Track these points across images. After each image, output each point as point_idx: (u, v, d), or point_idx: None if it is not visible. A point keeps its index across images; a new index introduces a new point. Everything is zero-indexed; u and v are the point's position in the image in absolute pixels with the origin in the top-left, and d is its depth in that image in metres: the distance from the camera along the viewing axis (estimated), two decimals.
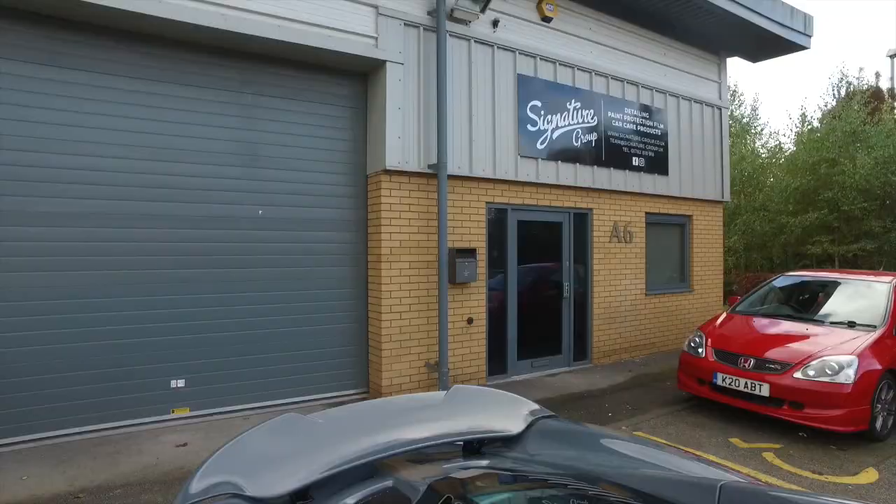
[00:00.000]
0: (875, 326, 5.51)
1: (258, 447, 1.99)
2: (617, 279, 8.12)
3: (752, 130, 19.69)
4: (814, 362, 5.13)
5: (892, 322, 5.54)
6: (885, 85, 21.58)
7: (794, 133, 19.59)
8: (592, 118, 7.68)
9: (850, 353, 5.09)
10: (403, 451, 2.01)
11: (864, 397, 4.95)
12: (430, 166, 6.15)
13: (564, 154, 7.36)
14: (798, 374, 5.13)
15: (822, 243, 15.78)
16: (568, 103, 7.41)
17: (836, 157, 15.51)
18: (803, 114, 20.52)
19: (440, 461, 2.08)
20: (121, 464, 4.38)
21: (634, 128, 8.24)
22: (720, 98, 9.76)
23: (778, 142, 19.74)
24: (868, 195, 14.84)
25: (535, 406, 2.49)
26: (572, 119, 7.45)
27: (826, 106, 18.99)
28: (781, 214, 16.56)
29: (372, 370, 6.18)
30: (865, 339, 5.32)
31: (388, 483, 1.90)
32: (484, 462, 2.06)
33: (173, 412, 5.38)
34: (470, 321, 6.51)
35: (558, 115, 7.31)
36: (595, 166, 7.72)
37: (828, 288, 6.59)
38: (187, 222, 5.37)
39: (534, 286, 7.37)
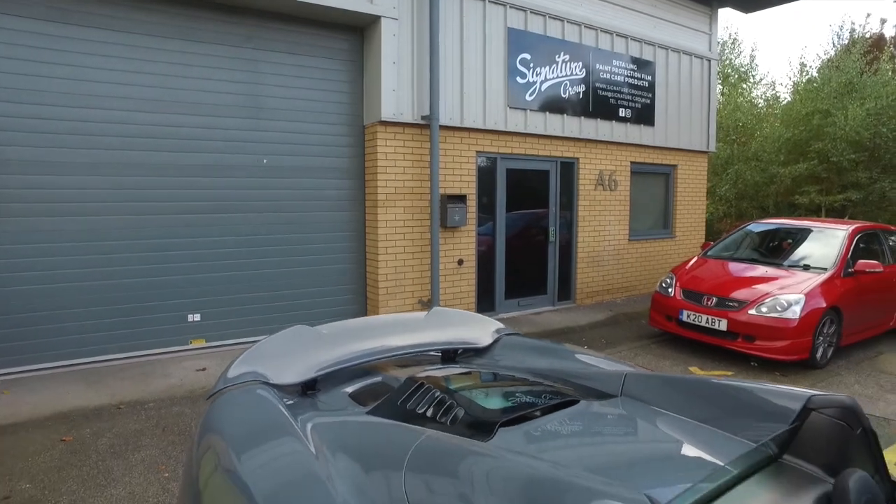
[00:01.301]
0: (826, 269, 6.05)
1: (276, 349, 2.53)
2: (601, 225, 8.62)
3: (751, 80, 19.72)
4: (767, 300, 5.70)
5: (842, 265, 6.08)
6: (889, 32, 21.42)
7: (791, 83, 19.63)
8: (581, 70, 7.99)
9: (799, 293, 5.65)
10: (391, 355, 2.57)
11: (807, 331, 5.54)
12: (423, 117, 6.54)
13: (552, 105, 7.72)
14: (752, 311, 5.71)
15: (810, 193, 16.16)
16: (557, 56, 7.71)
17: (830, 108, 15.71)
18: (802, 63, 20.48)
19: (421, 365, 2.64)
20: (150, 384, 5.00)
21: (622, 80, 8.54)
22: (710, 50, 9.98)
23: (775, 91, 19.79)
24: (857, 146, 15.13)
25: (502, 325, 3.04)
26: (561, 71, 7.76)
27: (826, 55, 18.96)
28: (772, 164, 16.88)
29: (369, 306, 6.77)
30: (815, 280, 5.87)
31: (378, 378, 2.47)
32: (457, 366, 2.62)
33: (191, 343, 5.99)
34: (460, 262, 7.05)
35: (547, 67, 7.62)
36: (582, 117, 8.08)
37: (793, 235, 7.10)
38: (197, 170, 5.82)
39: (521, 231, 7.87)
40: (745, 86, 19.50)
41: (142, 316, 5.67)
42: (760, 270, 6.36)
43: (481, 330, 2.94)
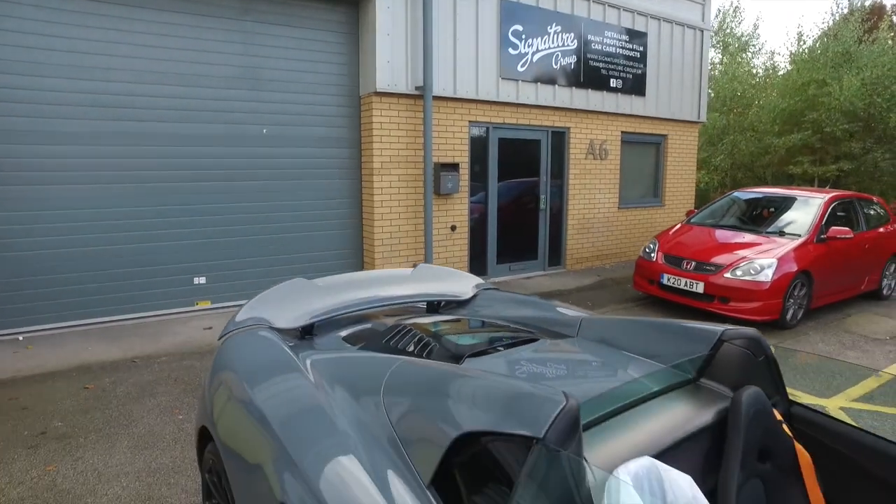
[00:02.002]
0: (799, 235, 6.36)
1: (277, 298, 2.86)
2: (591, 193, 8.89)
3: (751, 49, 19.68)
4: (742, 264, 6.03)
5: (815, 232, 6.38)
6: (890, 0, 21.26)
7: (789, 52, 19.62)
8: (572, 41, 8.16)
9: (772, 257, 5.97)
10: (380, 305, 2.90)
11: (778, 293, 5.88)
12: (416, 88, 6.77)
13: (544, 76, 7.92)
14: (728, 274, 6.04)
15: (804, 164, 16.35)
16: (549, 27, 7.88)
17: (826, 78, 15.77)
18: (800, 33, 20.39)
19: (407, 314, 2.97)
20: (161, 341, 5.37)
21: (614, 50, 8.71)
22: (703, 20, 10.10)
23: (773, 62, 19.79)
24: (851, 117, 15.25)
25: (482, 280, 3.37)
26: (552, 42, 7.94)
27: (824, 23, 18.91)
28: (767, 135, 17.01)
29: (366, 269, 7.10)
30: (789, 245, 6.19)
31: (368, 325, 2.80)
32: (440, 315, 2.95)
33: (197, 304, 6.34)
34: (453, 228, 7.36)
35: (539, 38, 7.80)
36: (573, 87, 8.29)
37: (774, 203, 7.39)
38: (200, 140, 6.08)
39: (513, 198, 8.16)
40: (744, 55, 19.47)
41: (151, 279, 6.01)
42: (739, 237, 6.67)
43: (463, 284, 3.26)
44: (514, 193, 8.19)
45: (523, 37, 7.65)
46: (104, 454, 3.35)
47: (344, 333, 2.70)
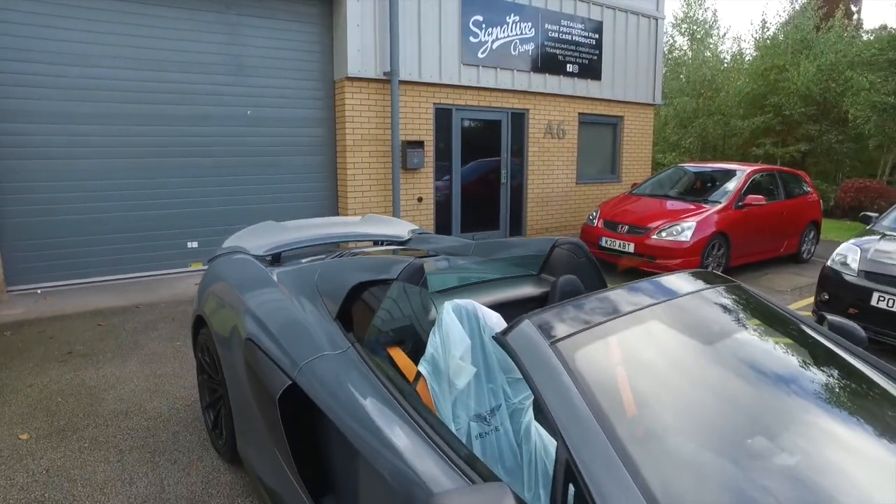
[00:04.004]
0: (720, 202, 7.27)
1: (253, 233, 3.72)
2: (550, 170, 9.76)
3: (714, 35, 20.49)
4: (666, 227, 6.93)
5: (734, 199, 7.29)
6: None
7: (754, 40, 20.43)
8: (530, 30, 8.98)
9: (692, 221, 6.88)
10: (333, 241, 3.77)
11: (697, 251, 6.79)
12: (385, 73, 7.59)
13: (503, 62, 8.75)
14: (654, 236, 6.94)
15: (766, 145, 17.29)
16: (507, 17, 8.70)
17: (786, 64, 16.65)
18: (763, 20, 21.19)
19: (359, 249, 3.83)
20: (159, 293, 6.23)
21: (570, 38, 9.53)
22: (657, 10, 10.91)
23: (739, 48, 20.61)
24: (808, 101, 16.16)
25: (418, 227, 4.24)
26: (511, 31, 8.76)
27: (784, 12, 19.73)
28: (733, 118, 17.91)
29: None
30: (710, 211, 7.09)
31: (323, 256, 3.67)
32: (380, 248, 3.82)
33: (191, 266, 7.18)
34: (420, 200, 8.22)
35: (498, 27, 8.62)
36: (531, 72, 9.12)
37: (708, 175, 8.28)
38: (192, 120, 6.89)
39: (476, 174, 9.02)
40: (711, 41, 20.30)
41: (150, 243, 6.85)
42: (671, 205, 7.56)
43: (401, 228, 4.14)
44: (477, 169, 9.04)
45: (483, 26, 8.47)
46: (119, 366, 4.23)
47: (305, 261, 3.57)
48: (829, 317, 2.32)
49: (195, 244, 7.17)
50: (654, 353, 1.67)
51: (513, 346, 1.54)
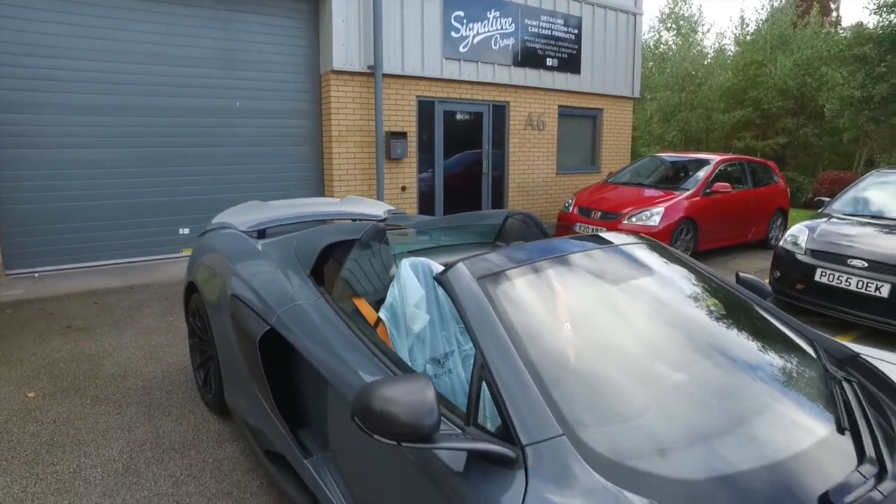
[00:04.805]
0: (688, 189, 7.64)
1: (240, 211, 4.04)
2: (531, 160, 10.11)
3: (699, 30, 20.91)
4: (636, 212, 7.29)
5: (702, 186, 7.67)
6: None
7: (734, 35, 20.85)
8: (510, 25, 9.30)
9: (661, 207, 7.25)
10: (314, 219, 4.09)
11: (666, 235, 7.14)
12: (368, 67, 7.90)
13: (484, 56, 9.08)
14: (625, 221, 7.30)
15: (746, 139, 17.71)
16: (488, 13, 9.02)
17: (764, 59, 17.08)
18: (742, 17, 21.61)
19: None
20: (153, 275, 6.53)
21: (550, 33, 9.87)
22: (636, 6, 11.27)
23: (721, 43, 21.02)
24: (786, 95, 16.60)
25: (393, 207, 4.58)
26: (492, 26, 9.08)
27: (764, 9, 20.17)
28: (714, 112, 18.34)
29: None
30: (677, 197, 7.46)
31: (304, 232, 3.99)
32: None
33: (182, 251, 7.48)
34: (403, 189, 8.55)
35: (479, 23, 8.94)
36: (512, 66, 9.45)
37: (680, 165, 8.65)
38: (184, 112, 7.18)
39: (458, 164, 9.35)
40: (695, 36, 20.71)
41: (144, 229, 7.14)
42: (644, 192, 7.92)
43: (377, 208, 4.47)
44: (460, 160, 9.38)
45: (465, 21, 8.79)
46: (116, 338, 4.54)
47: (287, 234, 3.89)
48: (741, 274, 2.69)
49: (186, 231, 7.47)
50: (566, 288, 2.01)
51: (448, 282, 1.88)
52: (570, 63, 10.28)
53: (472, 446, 1.42)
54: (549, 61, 9.96)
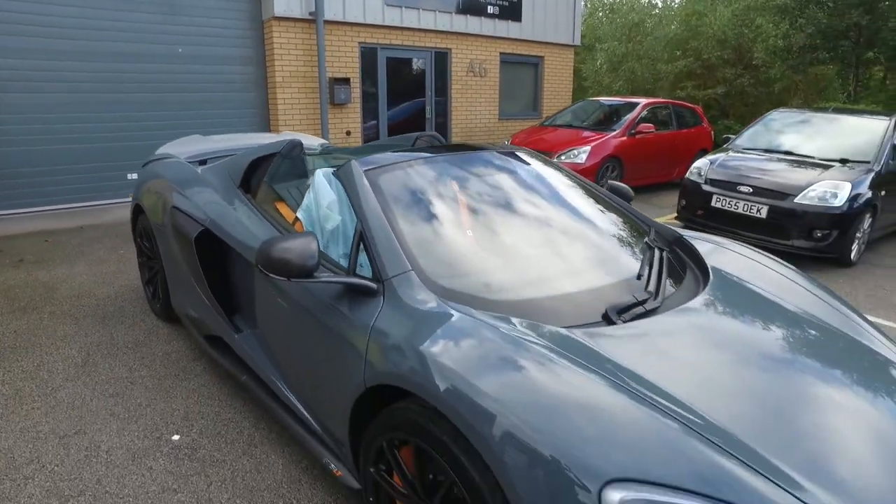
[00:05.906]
0: (615, 130, 8.19)
1: (181, 144, 4.36)
2: (473, 107, 10.47)
3: None
4: (565, 150, 7.81)
5: (628, 127, 8.22)
6: None
7: None
8: None
9: (588, 145, 7.78)
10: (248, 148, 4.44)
11: (592, 172, 7.70)
12: (310, 13, 8.05)
13: (425, 3, 9.28)
14: (555, 159, 7.81)
15: (687, 88, 18.35)
16: None
17: (704, 9, 17.58)
18: None
19: None
20: (103, 217, 6.77)
21: None
22: None
23: None
24: (724, 45, 17.20)
25: (326, 141, 4.94)
26: None
27: None
28: (659, 62, 18.87)
29: None
30: (604, 137, 8.01)
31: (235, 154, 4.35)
32: None
33: (131, 196, 7.66)
34: (348, 133, 8.85)
35: None
36: (453, 13, 9.69)
37: (614, 108, 9.17)
38: (129, 58, 7.26)
39: (403, 110, 9.65)
40: None
41: (92, 174, 7.30)
42: (577, 134, 8.42)
43: (314, 142, 4.82)
44: (404, 105, 9.67)
45: None
46: (68, 268, 4.86)
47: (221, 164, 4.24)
48: (610, 181, 3.22)
49: (135, 176, 7.63)
50: (432, 181, 2.47)
51: (342, 173, 2.32)
52: (512, 11, 10.56)
53: (344, 280, 1.91)
54: (491, 9, 10.22)
